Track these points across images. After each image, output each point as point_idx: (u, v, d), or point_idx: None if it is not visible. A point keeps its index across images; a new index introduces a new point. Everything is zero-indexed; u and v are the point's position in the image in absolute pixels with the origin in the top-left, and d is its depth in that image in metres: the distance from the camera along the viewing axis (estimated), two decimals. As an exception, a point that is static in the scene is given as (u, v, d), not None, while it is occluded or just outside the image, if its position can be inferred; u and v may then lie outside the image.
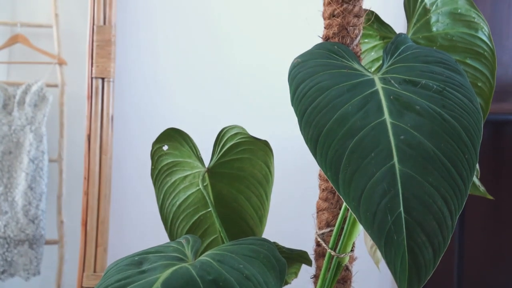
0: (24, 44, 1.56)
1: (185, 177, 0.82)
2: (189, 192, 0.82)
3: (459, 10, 0.76)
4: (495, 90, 0.77)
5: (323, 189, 0.74)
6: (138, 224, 1.65)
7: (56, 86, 1.56)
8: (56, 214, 1.54)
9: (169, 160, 0.82)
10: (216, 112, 1.68)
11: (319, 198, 0.75)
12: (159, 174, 0.83)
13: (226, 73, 1.70)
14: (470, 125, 0.54)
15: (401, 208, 0.49)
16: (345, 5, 0.69)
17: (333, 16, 0.70)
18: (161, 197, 0.84)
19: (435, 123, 0.53)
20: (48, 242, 1.52)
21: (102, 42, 1.51)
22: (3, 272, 1.45)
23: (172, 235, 0.84)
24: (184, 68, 1.68)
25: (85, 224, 1.48)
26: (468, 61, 0.75)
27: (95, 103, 1.50)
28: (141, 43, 1.66)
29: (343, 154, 0.52)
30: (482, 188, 0.81)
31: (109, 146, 1.51)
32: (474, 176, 0.79)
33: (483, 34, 0.75)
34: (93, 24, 1.51)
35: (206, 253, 0.60)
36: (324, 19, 0.72)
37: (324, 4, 0.72)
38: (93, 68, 1.51)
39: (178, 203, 0.83)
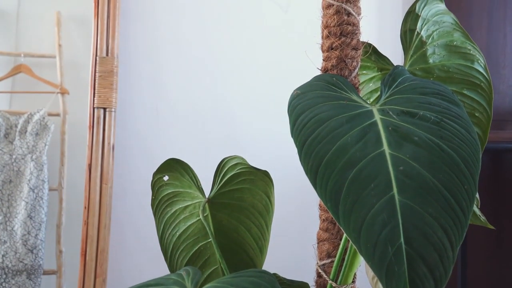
0: (27, 74, 1.58)
1: (186, 207, 0.82)
2: (189, 223, 0.82)
3: (455, 42, 0.77)
4: (493, 119, 0.78)
5: (323, 220, 0.74)
6: (138, 255, 1.63)
7: (58, 115, 1.57)
8: (55, 244, 1.53)
9: (170, 191, 0.82)
10: (217, 143, 1.69)
11: (320, 229, 0.75)
12: (159, 204, 0.83)
13: (227, 104, 1.71)
14: (468, 155, 0.55)
15: (402, 239, 0.49)
16: (343, 38, 0.71)
17: (332, 49, 0.71)
18: (161, 227, 0.84)
19: (434, 154, 0.53)
20: (46, 272, 1.50)
21: (105, 73, 1.53)
22: (0, 304, 1.43)
23: (172, 265, 0.84)
24: (185, 99, 1.70)
25: (84, 254, 1.47)
26: (465, 91, 0.76)
27: (97, 133, 1.51)
28: (143, 74, 1.68)
29: (342, 185, 0.52)
30: (482, 217, 0.81)
31: (109, 176, 1.51)
32: (474, 206, 0.79)
33: (479, 65, 0.77)
34: (96, 55, 1.54)
35: (206, 285, 0.59)
36: (323, 51, 0.73)
37: (322, 37, 0.73)
38: (95, 98, 1.53)
39: (178, 233, 0.82)
